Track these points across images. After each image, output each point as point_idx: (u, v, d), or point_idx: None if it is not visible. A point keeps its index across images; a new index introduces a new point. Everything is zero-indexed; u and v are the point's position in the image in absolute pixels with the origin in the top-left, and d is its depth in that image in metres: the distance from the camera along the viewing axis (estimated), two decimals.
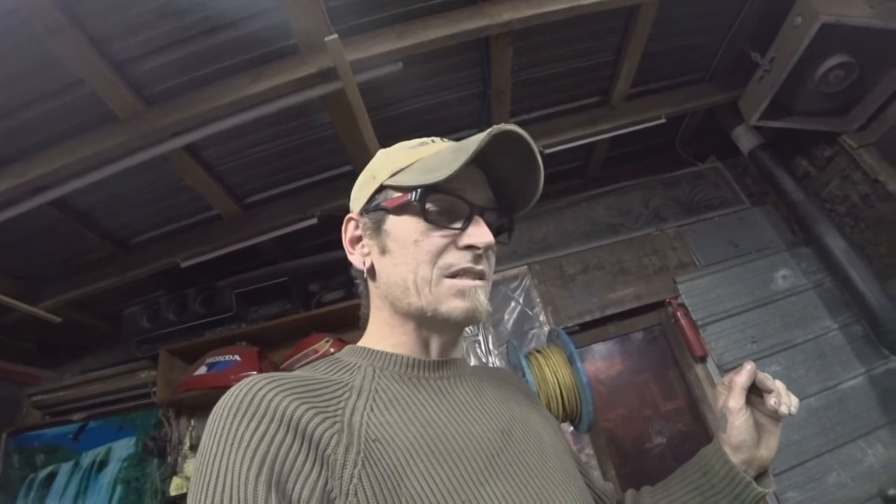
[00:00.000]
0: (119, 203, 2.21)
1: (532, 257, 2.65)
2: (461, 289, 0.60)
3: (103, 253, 2.42)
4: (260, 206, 2.40)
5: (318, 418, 0.48)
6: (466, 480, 0.51)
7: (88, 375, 2.87)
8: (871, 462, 2.05)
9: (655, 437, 2.44)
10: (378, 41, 1.71)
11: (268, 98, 1.71)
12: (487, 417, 0.61)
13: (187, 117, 1.72)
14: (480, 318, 0.62)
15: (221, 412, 0.47)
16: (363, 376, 0.59)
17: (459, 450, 0.53)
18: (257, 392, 0.48)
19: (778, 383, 0.66)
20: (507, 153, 0.62)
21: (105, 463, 2.58)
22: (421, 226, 0.61)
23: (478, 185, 0.64)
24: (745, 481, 0.65)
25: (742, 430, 0.65)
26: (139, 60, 1.66)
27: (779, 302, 2.41)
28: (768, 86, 2.20)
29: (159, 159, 1.93)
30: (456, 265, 0.60)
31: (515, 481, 0.54)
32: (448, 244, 0.61)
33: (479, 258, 0.62)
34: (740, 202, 2.79)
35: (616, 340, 2.62)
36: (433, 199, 0.61)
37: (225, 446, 0.44)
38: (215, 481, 0.42)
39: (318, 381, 0.55)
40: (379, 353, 0.63)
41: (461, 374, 0.66)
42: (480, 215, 0.62)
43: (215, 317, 2.50)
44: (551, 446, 0.66)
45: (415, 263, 0.61)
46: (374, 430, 0.51)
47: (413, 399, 0.58)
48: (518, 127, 0.58)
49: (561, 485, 0.59)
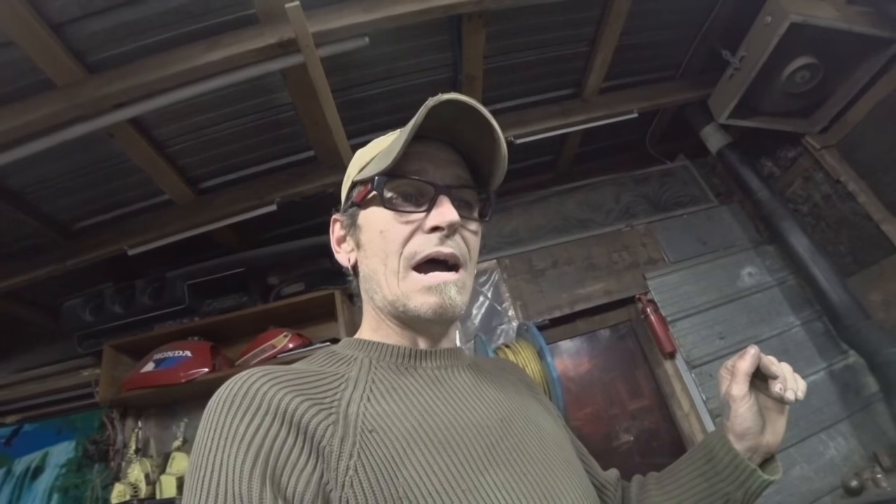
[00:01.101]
0: (58, 184, 2.03)
1: (501, 251, 2.60)
2: (429, 285, 0.58)
3: (40, 239, 2.23)
4: (215, 191, 2.26)
5: (312, 410, 0.48)
6: (465, 468, 0.50)
7: (24, 374, 2.64)
8: (832, 455, 2.07)
9: (623, 434, 2.41)
10: (343, 13, 1.61)
11: (222, 69, 1.59)
12: (486, 406, 0.60)
13: (133, 87, 1.58)
14: (452, 314, 0.60)
15: (215, 406, 0.47)
16: (359, 367, 0.58)
17: (458, 438, 0.52)
18: (252, 385, 0.48)
19: (784, 367, 0.63)
20: (470, 126, 0.60)
21: (41, 469, 2.39)
22: (385, 215, 0.60)
23: (443, 163, 0.63)
24: (749, 469, 0.63)
25: (746, 417, 0.63)
26: (80, 22, 1.51)
27: (745, 298, 2.43)
28: (738, 84, 2.22)
29: (103, 135, 1.79)
30: (421, 251, 0.59)
31: (515, 469, 0.53)
32: (414, 230, 0.60)
33: (446, 239, 0.59)
34: (708, 200, 2.82)
35: (585, 338, 2.59)
36: (392, 186, 0.60)
37: (219, 441, 0.44)
38: (210, 476, 0.42)
39: (314, 373, 0.55)
40: (375, 344, 0.62)
41: (459, 364, 0.65)
42: (447, 194, 0.60)
43: (165, 310, 2.33)
44: (551, 435, 0.65)
45: (383, 255, 0.60)
46: (370, 420, 0.50)
47: (410, 388, 0.57)
48: (460, 95, 0.56)
49: (561, 473, 0.58)
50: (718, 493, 0.65)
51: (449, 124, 0.60)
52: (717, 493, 0.65)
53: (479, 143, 0.62)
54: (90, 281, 2.50)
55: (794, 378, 0.63)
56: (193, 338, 2.25)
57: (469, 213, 0.64)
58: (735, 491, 0.64)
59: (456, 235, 0.61)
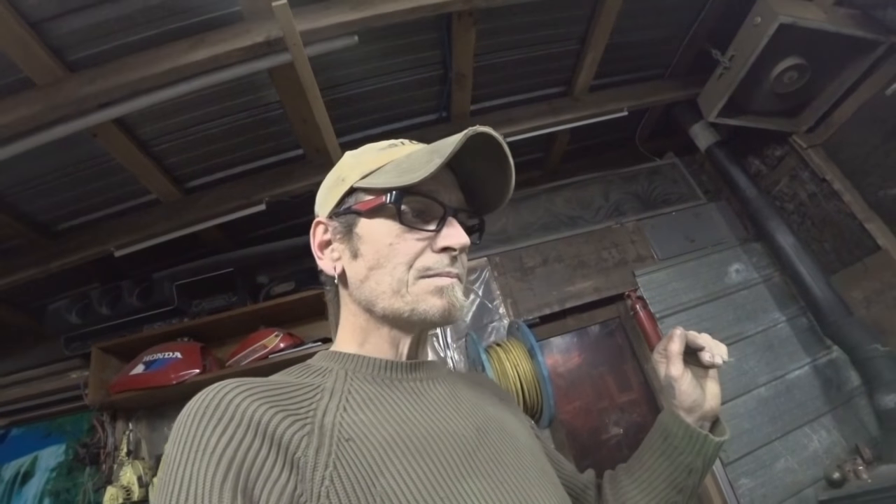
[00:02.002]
0: (39, 184, 1.99)
1: (491, 249, 2.60)
2: (439, 286, 0.59)
3: (23, 240, 2.18)
4: (203, 190, 2.23)
5: (286, 421, 0.47)
6: (443, 477, 0.50)
7: (9, 378, 2.59)
8: (815, 447, 2.12)
9: (612, 427, 2.45)
10: (331, 11, 1.59)
11: (208, 68, 1.56)
12: (463, 416, 0.60)
13: (116, 86, 1.54)
14: (458, 316, 0.61)
15: (186, 418, 0.46)
16: (335, 378, 0.58)
17: (435, 447, 0.52)
18: (224, 396, 0.47)
19: (705, 336, 0.70)
20: (478, 154, 0.61)
21: (30, 474, 2.36)
22: (395, 228, 0.60)
23: (450, 186, 0.64)
24: (702, 436, 0.69)
25: (689, 391, 0.69)
26: (59, 20, 1.48)
27: (732, 295, 2.46)
28: (727, 83, 2.23)
29: (86, 135, 1.75)
30: (433, 269, 0.60)
31: (492, 478, 0.54)
32: (424, 247, 0.60)
33: (455, 260, 0.61)
34: (696, 198, 2.84)
35: (574, 333, 2.61)
36: (407, 201, 0.60)
37: (190, 453, 0.43)
38: (179, 489, 0.41)
39: (289, 384, 0.54)
40: (351, 357, 0.62)
41: (435, 377, 0.65)
42: (454, 216, 0.62)
43: (154, 311, 2.30)
44: (526, 445, 0.66)
45: (390, 267, 0.60)
46: (347, 430, 0.49)
47: (387, 398, 0.57)
48: (492, 129, 0.58)
49: (536, 481, 0.59)
50: (681, 466, 0.70)
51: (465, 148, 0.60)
52: (679, 467, 0.70)
53: (485, 174, 0.65)
54: (75, 282, 2.46)
55: (717, 344, 0.70)
56: (183, 339, 2.23)
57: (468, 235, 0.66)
58: (695, 459, 0.69)
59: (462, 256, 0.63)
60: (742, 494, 2.01)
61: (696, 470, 0.70)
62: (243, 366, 2.11)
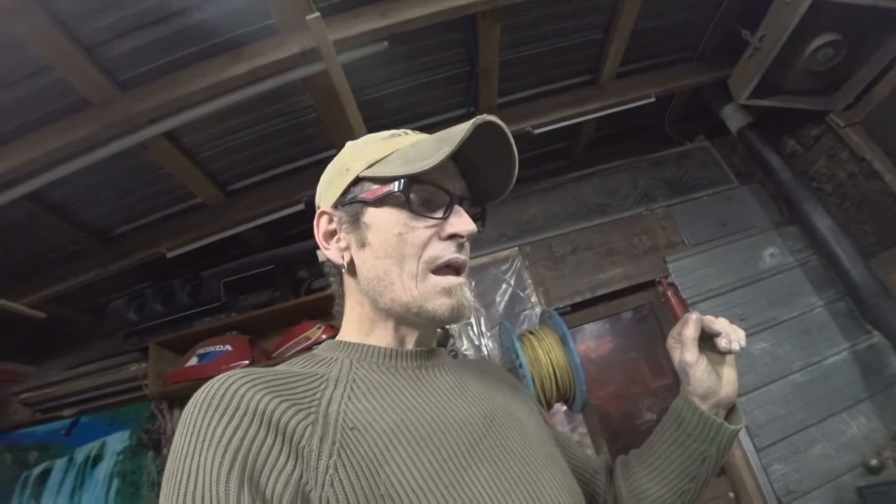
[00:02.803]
0: (97, 194, 2.14)
1: (522, 239, 2.64)
2: (447, 286, 0.60)
3: (82, 246, 2.36)
4: (244, 192, 2.35)
5: (291, 411, 0.48)
6: (448, 465, 0.50)
7: (74, 371, 2.81)
8: (854, 434, 2.10)
9: (645, 413, 2.48)
10: (361, 19, 1.65)
11: (247, 81, 1.66)
12: (469, 403, 0.60)
13: (164, 103, 1.65)
14: (466, 315, 0.62)
15: (193, 409, 0.46)
16: (340, 368, 0.58)
17: (441, 435, 0.53)
18: (229, 388, 0.47)
19: (722, 321, 0.68)
20: (483, 143, 0.61)
21: (100, 457, 2.56)
22: (403, 217, 0.60)
23: (453, 174, 0.64)
24: (716, 423, 0.67)
25: (704, 378, 0.67)
26: (110, 44, 1.58)
27: (765, 280, 2.44)
28: (758, 64, 2.18)
29: (137, 148, 1.86)
30: (441, 257, 0.60)
31: (498, 465, 0.54)
32: (431, 235, 0.61)
33: (462, 247, 0.62)
34: (728, 181, 2.80)
35: (606, 320, 2.64)
36: (416, 190, 0.60)
37: (196, 443, 0.44)
38: (186, 479, 0.42)
39: (294, 374, 0.54)
40: (356, 346, 0.62)
41: (441, 364, 0.66)
42: (459, 203, 0.62)
43: (203, 307, 2.45)
44: (534, 431, 0.66)
45: (399, 257, 0.60)
46: (351, 419, 0.50)
47: (392, 386, 0.57)
48: (497, 118, 0.58)
49: (544, 468, 0.59)
50: (693, 453, 0.68)
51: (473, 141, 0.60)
52: (692, 455, 0.68)
53: (489, 162, 0.64)
54: (129, 282, 2.64)
55: (734, 329, 0.67)
56: (231, 332, 2.37)
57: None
58: (708, 447, 0.67)
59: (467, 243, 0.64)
60: (776, 479, 2.02)
61: (710, 458, 0.68)
62: (288, 357, 2.24)
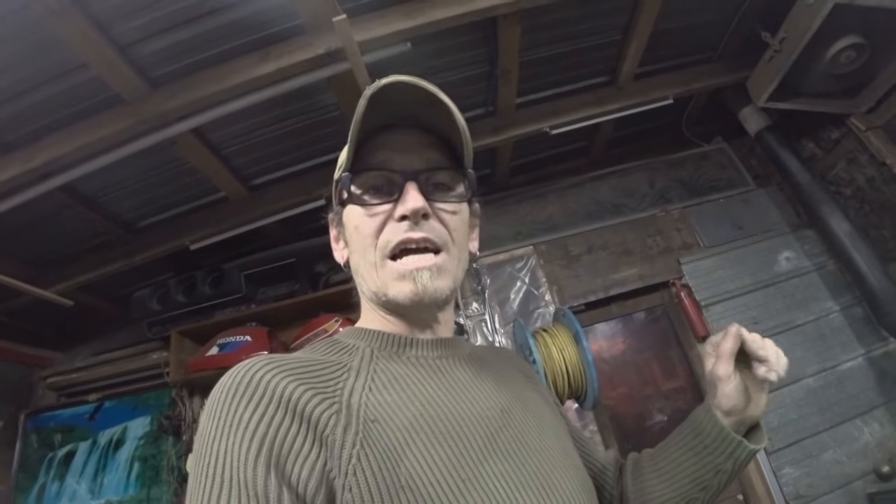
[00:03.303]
0: (125, 186, 2.21)
1: (537, 237, 2.67)
2: (402, 272, 0.59)
3: (111, 237, 2.44)
4: (266, 187, 2.40)
5: (316, 399, 0.49)
6: (466, 459, 0.51)
7: (99, 357, 2.91)
8: (867, 440, 2.10)
9: (656, 414, 2.49)
10: (385, 20, 1.68)
11: (275, 80, 1.70)
12: (486, 396, 0.60)
13: (194, 100, 1.71)
14: (431, 298, 0.59)
15: (220, 394, 0.47)
16: (361, 357, 0.59)
17: (459, 428, 0.53)
18: (255, 374, 0.48)
19: (769, 346, 0.64)
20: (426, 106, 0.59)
21: (122, 441, 2.65)
22: (357, 210, 0.62)
23: (411, 147, 0.62)
24: (736, 441, 0.65)
25: (732, 396, 0.65)
26: (143, 43, 1.64)
27: (781, 283, 2.43)
28: (778, 66, 2.18)
29: (166, 142, 1.92)
30: (392, 240, 0.59)
31: (514, 460, 0.55)
32: (385, 220, 0.60)
33: (416, 226, 0.59)
34: (745, 184, 2.79)
35: (619, 319, 2.65)
36: (358, 182, 0.62)
37: (224, 428, 0.44)
38: (215, 463, 0.43)
39: (317, 362, 0.55)
40: (375, 333, 0.63)
41: (460, 354, 0.66)
42: (413, 180, 0.59)
43: (224, 298, 2.52)
44: (550, 426, 0.66)
45: (361, 249, 0.62)
46: (372, 411, 0.51)
47: (411, 378, 0.58)
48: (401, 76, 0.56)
49: (559, 463, 0.60)
50: (708, 465, 0.67)
51: (411, 107, 0.59)
52: (706, 466, 0.67)
53: (438, 120, 0.61)
54: (153, 272, 2.72)
55: (778, 357, 0.63)
56: (251, 324, 2.44)
57: (445, 195, 0.63)
58: (724, 462, 0.66)
59: (430, 220, 0.60)
60: (785, 483, 2.03)
61: (725, 472, 0.67)
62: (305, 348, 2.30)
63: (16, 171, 1.77)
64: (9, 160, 1.80)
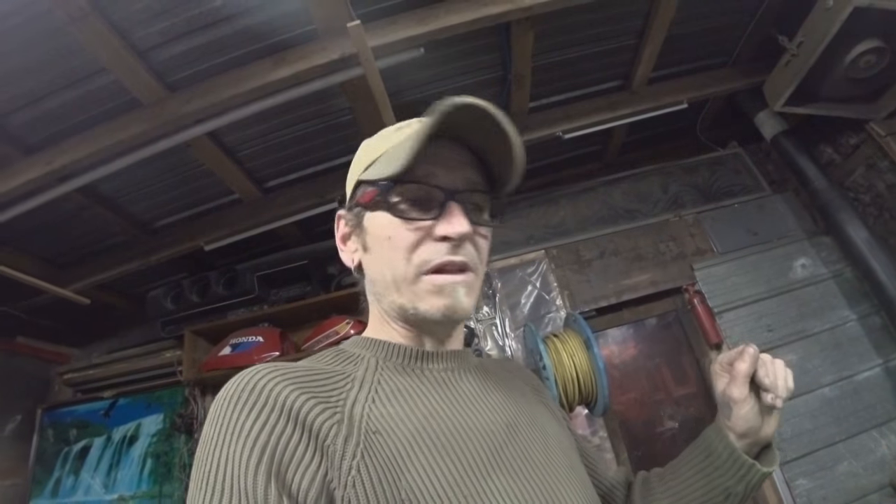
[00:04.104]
0: (141, 188, 2.25)
1: (549, 242, 2.66)
2: (440, 285, 0.57)
3: (128, 237, 2.48)
4: (280, 189, 2.43)
5: (318, 408, 0.48)
6: (468, 474, 0.50)
7: (115, 355, 2.97)
8: (883, 452, 2.06)
9: (667, 421, 2.47)
10: (399, 26, 1.69)
11: (289, 84, 1.72)
12: (492, 410, 0.59)
13: (210, 104, 1.73)
14: (462, 315, 0.59)
15: (223, 402, 0.47)
16: (366, 367, 0.58)
17: (462, 443, 0.52)
18: (258, 381, 0.48)
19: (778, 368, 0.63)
20: (479, 128, 0.56)
21: (135, 438, 2.70)
22: (392, 220, 0.58)
23: (454, 165, 0.60)
24: (748, 463, 0.64)
25: (748, 419, 0.63)
26: (161, 48, 1.67)
27: (796, 291, 2.39)
28: (795, 71, 2.15)
29: (181, 145, 1.95)
30: (432, 260, 0.57)
31: (519, 476, 0.54)
32: (422, 237, 0.58)
33: (458, 248, 0.58)
34: (761, 189, 2.75)
35: (631, 325, 2.63)
36: (399, 191, 0.58)
37: (225, 436, 0.44)
38: (216, 471, 0.43)
39: (321, 371, 0.55)
40: (382, 344, 0.62)
41: (466, 367, 0.65)
42: (457, 200, 0.58)
43: (237, 298, 2.56)
44: (556, 441, 0.65)
45: (390, 261, 0.59)
46: (374, 422, 0.50)
47: (415, 390, 0.57)
48: (476, 99, 0.52)
49: (565, 479, 0.59)
50: (718, 487, 0.66)
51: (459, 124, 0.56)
52: (717, 488, 0.66)
53: (491, 144, 0.58)
54: (168, 272, 2.76)
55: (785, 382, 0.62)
56: (264, 324, 2.47)
57: (479, 217, 0.61)
58: (736, 485, 0.64)
59: (466, 243, 0.59)
60: (799, 495, 1.99)
61: (736, 494, 0.65)
62: (317, 350, 2.32)
63: (37, 173, 1.81)
64: (31, 162, 1.84)
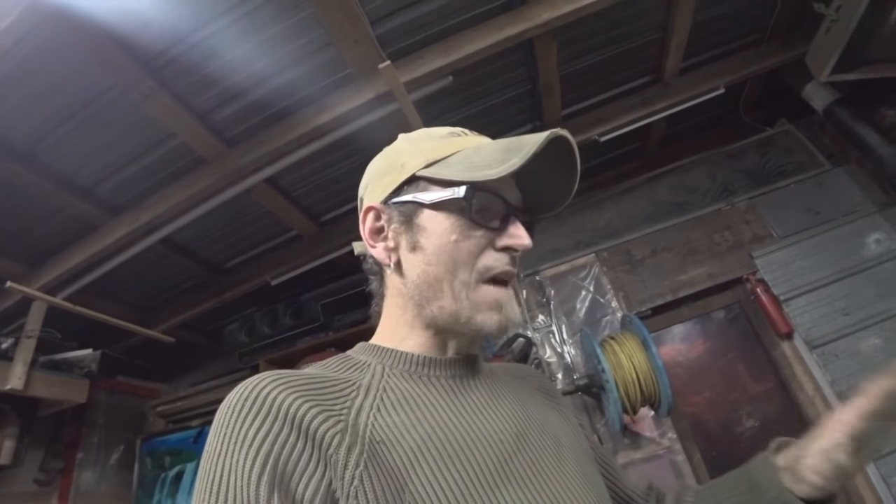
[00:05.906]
0: (212, 234, 2.49)
1: (598, 245, 2.65)
2: (500, 300, 0.58)
3: (202, 279, 2.73)
4: (335, 222, 2.60)
5: (321, 416, 0.48)
6: (476, 485, 0.49)
7: (199, 387, 3.23)
8: None
9: (746, 420, 2.35)
10: (426, 59, 1.80)
11: (332, 127, 1.86)
12: (501, 419, 0.58)
13: (264, 153, 1.91)
14: (511, 330, 0.64)
15: (226, 410, 0.47)
16: (372, 375, 0.57)
17: (469, 452, 0.51)
18: (262, 390, 0.47)
19: None
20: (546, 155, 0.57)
21: None
22: (461, 224, 0.58)
23: (511, 183, 0.62)
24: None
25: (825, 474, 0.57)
26: (217, 109, 1.87)
27: (871, 269, 2.23)
28: (837, 37, 2.04)
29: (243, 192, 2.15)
30: (494, 268, 0.58)
31: (528, 487, 0.52)
32: (486, 245, 0.59)
33: (515, 260, 0.60)
34: (818, 165, 2.61)
35: (695, 321, 2.55)
36: (476, 197, 0.58)
37: (228, 445, 0.44)
38: (218, 481, 0.42)
39: (326, 378, 0.54)
40: (390, 352, 0.61)
41: (475, 373, 0.63)
42: (514, 213, 0.61)
43: (304, 327, 2.74)
44: (570, 449, 0.63)
45: (452, 264, 0.58)
46: (379, 432, 0.49)
47: (423, 398, 0.55)
48: (568, 134, 0.56)
49: (578, 489, 0.57)
50: None
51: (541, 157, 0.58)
52: None
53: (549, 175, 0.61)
54: (239, 308, 3.00)
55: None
56: (330, 349, 2.62)
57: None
58: None
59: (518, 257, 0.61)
60: None
61: None
62: None
63: (126, 230, 2.07)
64: (119, 221, 2.11)
